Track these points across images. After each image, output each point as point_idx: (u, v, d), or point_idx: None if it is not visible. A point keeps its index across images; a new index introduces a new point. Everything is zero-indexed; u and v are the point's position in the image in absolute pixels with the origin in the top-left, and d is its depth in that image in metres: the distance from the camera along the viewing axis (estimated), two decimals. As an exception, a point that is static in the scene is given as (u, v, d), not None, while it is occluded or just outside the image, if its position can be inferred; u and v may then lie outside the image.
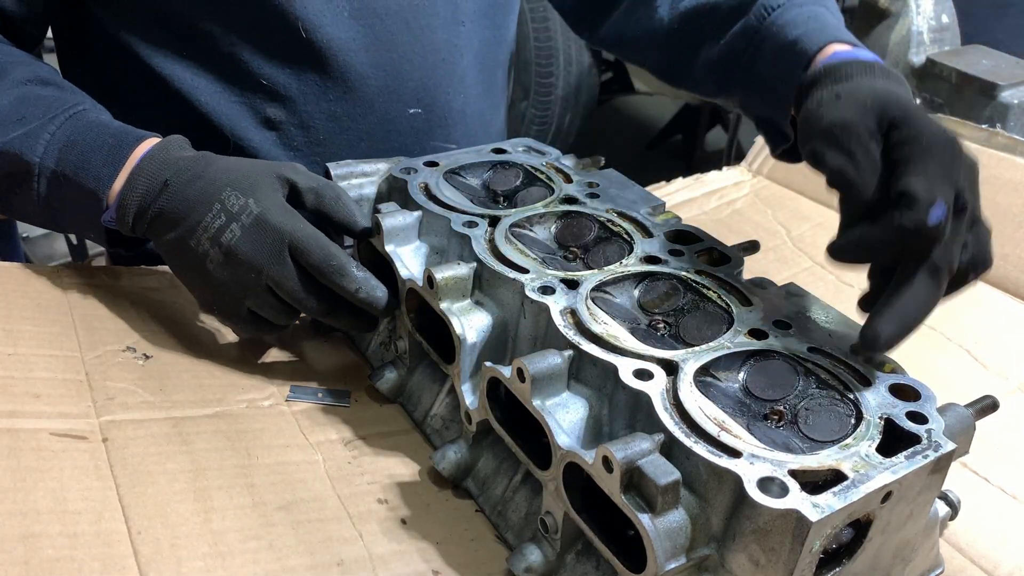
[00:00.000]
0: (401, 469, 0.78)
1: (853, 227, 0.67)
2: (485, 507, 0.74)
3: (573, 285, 0.73)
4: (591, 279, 0.74)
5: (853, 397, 0.63)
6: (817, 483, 0.56)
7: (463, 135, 1.08)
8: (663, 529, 0.55)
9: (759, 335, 0.68)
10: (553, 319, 0.69)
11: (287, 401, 0.83)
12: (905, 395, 0.64)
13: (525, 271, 0.74)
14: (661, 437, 0.59)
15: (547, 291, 0.71)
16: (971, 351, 1.02)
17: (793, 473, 0.55)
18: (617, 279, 0.75)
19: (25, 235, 2.41)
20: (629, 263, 0.77)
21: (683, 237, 0.82)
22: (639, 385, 0.62)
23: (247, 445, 0.76)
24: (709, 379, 0.65)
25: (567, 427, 0.63)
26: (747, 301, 0.73)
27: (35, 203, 0.86)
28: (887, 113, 0.69)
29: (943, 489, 0.68)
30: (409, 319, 0.81)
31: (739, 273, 0.77)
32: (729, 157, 3.34)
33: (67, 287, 0.89)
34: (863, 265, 0.71)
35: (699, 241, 0.81)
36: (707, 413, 0.60)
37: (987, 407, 0.71)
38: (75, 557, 0.62)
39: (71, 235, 2.21)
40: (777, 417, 0.63)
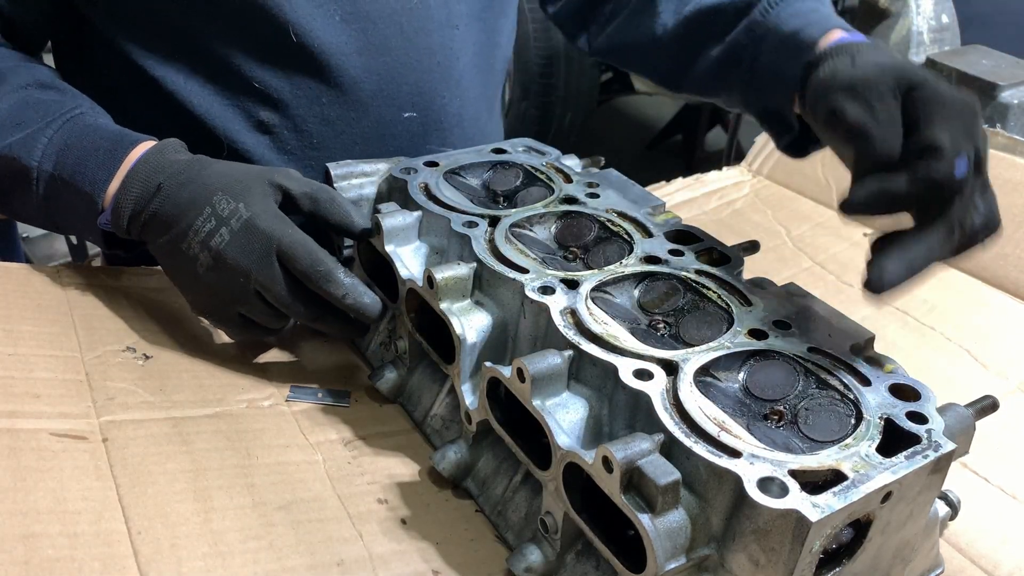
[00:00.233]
0: (401, 469, 0.78)
1: (871, 179, 0.66)
2: (485, 507, 0.74)
3: (573, 285, 0.73)
4: (591, 279, 0.74)
5: (853, 397, 0.63)
6: (817, 483, 0.56)
7: (459, 139, 1.08)
8: (663, 529, 0.55)
9: (759, 335, 0.68)
10: (553, 319, 0.69)
11: (287, 401, 0.83)
12: (905, 395, 0.64)
13: (525, 271, 0.74)
14: (661, 437, 0.59)
15: (547, 291, 0.71)
16: (971, 351, 1.01)
17: (793, 473, 0.55)
18: (617, 279, 0.75)
19: (25, 235, 2.42)
20: (629, 263, 0.77)
21: (683, 237, 0.82)
22: (639, 385, 0.62)
23: (247, 445, 0.76)
24: (709, 379, 0.65)
25: (567, 427, 0.63)
26: (747, 301, 0.73)
27: (34, 205, 0.86)
28: (904, 76, 0.69)
29: (943, 489, 0.68)
30: (409, 319, 0.81)
31: (739, 273, 0.77)
32: (729, 157, 3.34)
33: (67, 287, 0.89)
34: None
35: (699, 241, 0.81)
36: (707, 413, 0.60)
37: (987, 407, 0.71)
38: (75, 557, 0.62)
39: (71, 235, 2.21)
40: (777, 417, 0.63)
